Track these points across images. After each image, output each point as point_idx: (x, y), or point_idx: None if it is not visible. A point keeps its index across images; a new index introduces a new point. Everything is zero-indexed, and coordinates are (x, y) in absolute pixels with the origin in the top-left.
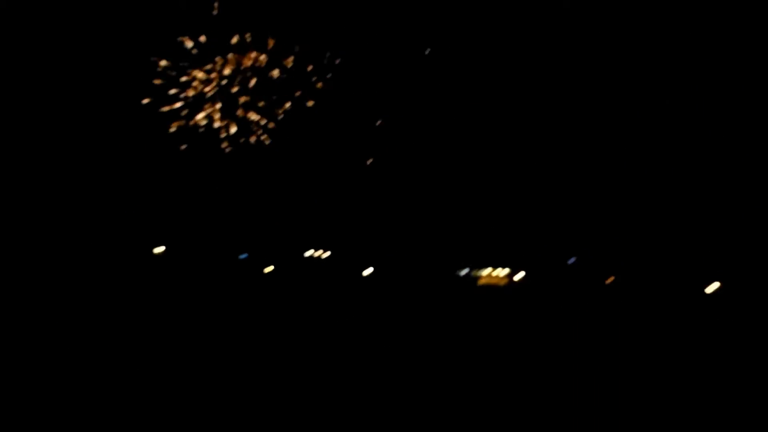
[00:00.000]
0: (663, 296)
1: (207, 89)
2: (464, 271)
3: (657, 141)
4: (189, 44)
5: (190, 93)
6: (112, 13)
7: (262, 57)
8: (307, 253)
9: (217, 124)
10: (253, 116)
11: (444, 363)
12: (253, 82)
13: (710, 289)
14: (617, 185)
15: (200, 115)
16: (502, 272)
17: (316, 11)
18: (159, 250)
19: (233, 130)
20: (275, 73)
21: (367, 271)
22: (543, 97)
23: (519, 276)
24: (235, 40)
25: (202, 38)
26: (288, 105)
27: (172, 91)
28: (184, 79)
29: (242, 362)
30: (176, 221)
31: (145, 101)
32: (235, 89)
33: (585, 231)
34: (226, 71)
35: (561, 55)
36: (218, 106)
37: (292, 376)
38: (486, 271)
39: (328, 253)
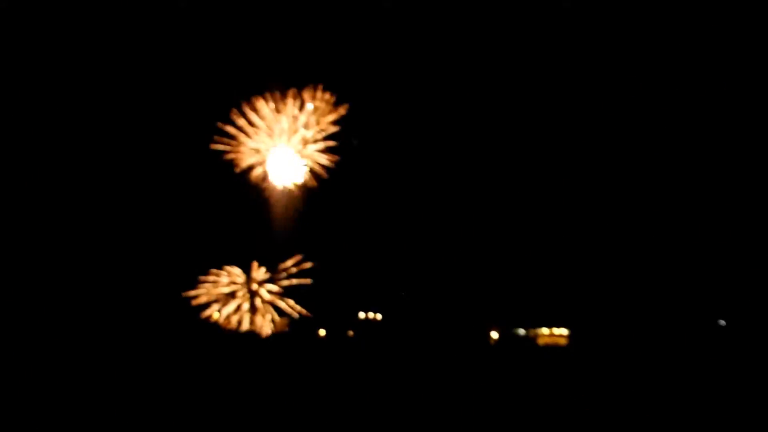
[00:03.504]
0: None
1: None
2: (521, 331)
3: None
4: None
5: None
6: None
7: None
8: (361, 315)
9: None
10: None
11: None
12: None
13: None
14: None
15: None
16: (561, 331)
17: None
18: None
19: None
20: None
21: (421, 334)
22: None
23: (579, 334)
24: None
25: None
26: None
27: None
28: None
29: None
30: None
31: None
32: None
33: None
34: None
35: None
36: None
37: None
38: (544, 330)
39: (379, 316)
